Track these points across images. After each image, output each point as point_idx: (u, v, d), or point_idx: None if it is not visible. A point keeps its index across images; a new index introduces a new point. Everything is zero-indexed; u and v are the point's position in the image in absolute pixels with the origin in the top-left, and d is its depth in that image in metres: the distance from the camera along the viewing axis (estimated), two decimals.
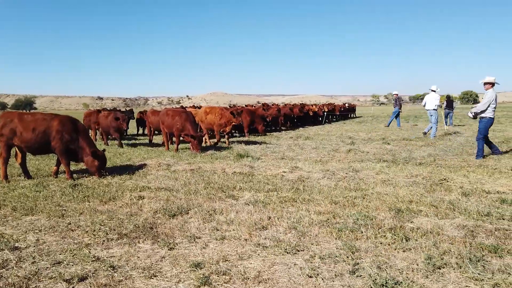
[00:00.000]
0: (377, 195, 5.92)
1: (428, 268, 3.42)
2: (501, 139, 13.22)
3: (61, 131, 7.46)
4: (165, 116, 11.82)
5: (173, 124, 11.37)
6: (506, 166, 8.19)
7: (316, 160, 9.65)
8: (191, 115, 11.59)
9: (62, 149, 7.46)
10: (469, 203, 5.36)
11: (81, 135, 7.67)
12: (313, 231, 4.42)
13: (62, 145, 7.45)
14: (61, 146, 7.45)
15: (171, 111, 12.11)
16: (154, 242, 4.19)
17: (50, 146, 7.49)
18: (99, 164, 7.61)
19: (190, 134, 10.81)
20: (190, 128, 10.94)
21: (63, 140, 7.45)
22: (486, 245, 3.86)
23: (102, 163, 7.72)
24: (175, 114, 11.64)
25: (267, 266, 3.58)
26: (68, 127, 7.56)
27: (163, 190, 6.49)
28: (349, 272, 3.39)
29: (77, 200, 5.93)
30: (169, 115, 11.71)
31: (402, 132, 17.20)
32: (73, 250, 3.98)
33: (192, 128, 10.98)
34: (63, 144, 7.46)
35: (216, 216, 5.04)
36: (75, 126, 7.69)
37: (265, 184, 6.82)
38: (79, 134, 7.66)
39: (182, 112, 11.85)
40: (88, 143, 7.65)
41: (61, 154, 7.52)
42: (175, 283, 3.28)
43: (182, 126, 11.08)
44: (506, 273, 3.31)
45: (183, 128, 11.06)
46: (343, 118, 32.57)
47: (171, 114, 11.74)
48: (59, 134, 7.43)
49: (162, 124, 12.02)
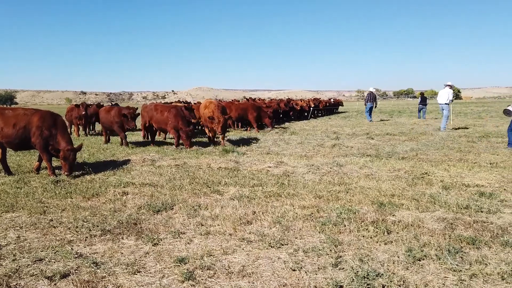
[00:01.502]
0: (360, 189, 6.00)
1: (409, 260, 3.50)
2: (481, 134, 13.53)
3: (41, 127, 7.29)
4: (154, 112, 11.63)
5: (164, 120, 11.19)
6: (485, 160, 8.40)
7: (301, 155, 9.72)
8: (180, 110, 11.47)
9: (42, 145, 7.30)
10: (449, 196, 5.49)
11: (59, 131, 7.48)
12: (297, 225, 4.46)
13: (42, 141, 7.28)
14: (41, 142, 7.29)
15: (160, 106, 11.94)
16: (138, 238, 4.17)
17: (30, 142, 7.33)
18: (70, 161, 7.25)
19: (179, 128, 10.72)
20: (179, 123, 10.84)
21: (43, 136, 7.28)
22: (464, 237, 3.97)
23: (73, 161, 7.33)
24: (164, 109, 11.49)
25: (252, 260, 3.61)
26: (48, 123, 7.39)
27: (147, 186, 6.45)
28: (332, 265, 3.45)
29: (59, 197, 5.84)
30: (158, 110, 11.55)
31: (386, 127, 17.44)
32: (55, 247, 3.93)
33: (182, 123, 10.88)
34: (43, 140, 7.29)
35: (201, 212, 5.04)
36: (54, 122, 7.51)
37: (250, 179, 6.84)
38: (58, 129, 7.47)
39: (171, 107, 11.69)
40: (64, 140, 7.38)
41: (42, 150, 7.37)
42: (159, 278, 3.28)
43: (172, 121, 10.95)
44: (483, 264, 3.41)
45: (173, 123, 10.93)
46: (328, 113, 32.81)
47: (160, 109, 11.57)
48: (39, 130, 7.27)
49: (151, 119, 11.80)
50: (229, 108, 16.54)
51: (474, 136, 13.07)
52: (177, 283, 3.19)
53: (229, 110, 16.63)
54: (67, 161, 7.18)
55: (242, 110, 16.65)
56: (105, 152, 10.51)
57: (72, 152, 7.28)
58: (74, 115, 15.44)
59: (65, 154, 7.16)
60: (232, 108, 16.47)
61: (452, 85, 15.49)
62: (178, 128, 10.81)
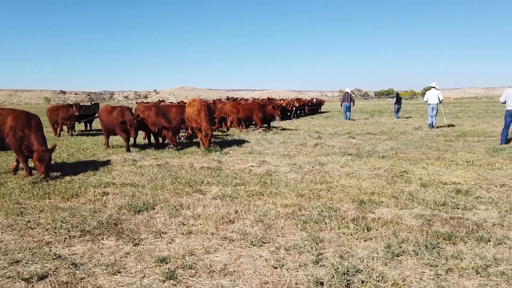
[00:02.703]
0: (341, 187, 6.08)
1: (387, 256, 3.58)
2: (458, 133, 13.88)
3: (14, 127, 7.08)
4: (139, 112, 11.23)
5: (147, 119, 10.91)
6: (462, 159, 8.63)
7: (283, 154, 9.77)
8: (162, 108, 11.34)
9: (17, 146, 7.08)
10: (427, 193, 5.62)
11: (34, 132, 7.22)
12: (279, 224, 4.50)
13: (16, 142, 7.06)
14: (15, 143, 7.06)
15: (141, 106, 11.68)
16: (119, 238, 4.13)
17: (5, 143, 7.13)
18: (46, 163, 7.01)
19: (163, 126, 10.53)
20: (163, 121, 10.66)
21: (16, 136, 7.07)
22: (441, 233, 4.07)
23: (48, 162, 7.08)
24: (145, 109, 11.25)
25: (233, 258, 3.62)
26: (22, 123, 7.17)
27: (128, 186, 6.37)
28: (313, 262, 3.49)
29: (37, 198, 5.72)
30: (140, 110, 11.27)
31: (367, 127, 17.70)
32: (33, 248, 3.85)
33: (165, 121, 10.71)
34: (17, 141, 7.07)
35: (183, 211, 5.02)
36: (29, 122, 7.30)
37: (233, 179, 6.84)
38: (32, 130, 7.24)
39: (152, 106, 11.48)
40: (37, 140, 7.14)
41: (16, 151, 7.17)
42: (140, 278, 3.25)
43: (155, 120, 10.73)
44: (459, 258, 3.51)
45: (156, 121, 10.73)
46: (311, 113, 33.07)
47: (141, 109, 11.31)
48: (13, 131, 7.05)
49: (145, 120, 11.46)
50: (236, 108, 16.54)
51: (451, 135, 13.40)
52: (158, 283, 3.17)
53: (235, 110, 16.51)
54: (42, 162, 6.95)
55: (249, 110, 16.51)
56: (85, 152, 10.33)
57: (47, 153, 7.03)
58: (61, 115, 15.03)
59: (39, 155, 6.93)
60: (239, 108, 16.44)
61: (436, 86, 16.66)
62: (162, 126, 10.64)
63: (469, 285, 3.05)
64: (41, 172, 6.98)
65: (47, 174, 7.01)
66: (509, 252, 3.65)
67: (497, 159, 8.41)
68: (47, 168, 7.06)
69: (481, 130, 14.91)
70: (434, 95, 16.51)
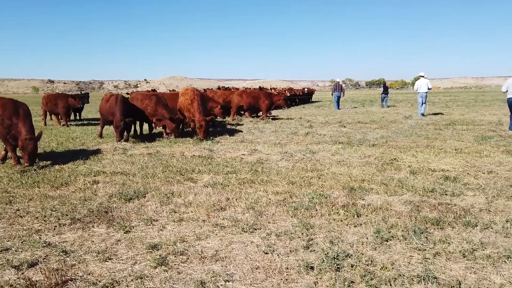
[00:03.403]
0: (332, 175, 6.12)
1: (377, 241, 3.63)
2: (448, 122, 14.03)
3: (2, 116, 6.95)
4: (134, 101, 10.90)
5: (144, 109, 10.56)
6: (450, 146, 8.74)
7: (275, 142, 9.78)
8: (163, 98, 10.96)
9: (4, 134, 6.96)
10: (416, 180, 5.69)
11: (21, 120, 7.08)
12: (270, 211, 4.52)
13: (3, 131, 6.94)
14: (3, 131, 6.95)
15: (139, 95, 11.26)
16: (109, 226, 4.11)
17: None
18: (29, 151, 6.86)
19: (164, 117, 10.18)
20: (165, 111, 10.29)
21: (3, 125, 6.95)
22: (429, 218, 4.13)
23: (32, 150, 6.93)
24: (144, 98, 10.86)
25: (225, 245, 3.63)
26: (10, 111, 7.04)
27: (119, 175, 6.34)
28: (303, 247, 3.52)
29: (26, 186, 5.66)
30: (138, 100, 10.87)
31: (358, 116, 17.78)
32: (22, 236, 3.82)
33: (167, 111, 10.36)
34: (5, 129, 6.94)
35: (174, 199, 5.02)
36: (17, 110, 7.17)
37: (224, 167, 6.84)
38: (20, 118, 7.10)
39: (152, 95, 11.07)
40: (25, 128, 7.00)
41: (4, 140, 7.06)
42: (131, 265, 3.25)
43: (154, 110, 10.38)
44: (446, 243, 3.57)
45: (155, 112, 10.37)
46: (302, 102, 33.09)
47: (139, 98, 10.90)
48: (0, 119, 6.94)
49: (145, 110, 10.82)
50: (241, 96, 16.19)
51: (441, 124, 13.54)
52: (149, 269, 3.18)
53: (240, 98, 16.12)
54: (26, 150, 6.81)
55: (254, 98, 16.23)
56: (74, 142, 10.23)
57: (31, 141, 6.88)
58: (61, 105, 14.66)
59: (23, 143, 6.80)
60: (243, 96, 16.20)
61: (424, 75, 17.16)
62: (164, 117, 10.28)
63: (456, 268, 3.11)
64: (25, 160, 6.86)
65: (31, 162, 6.87)
66: (495, 236, 3.72)
67: (485, 147, 8.54)
68: (31, 157, 6.90)
69: (470, 119, 15.09)
70: (423, 84, 16.95)
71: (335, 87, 23.65)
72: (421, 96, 17.04)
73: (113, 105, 9.78)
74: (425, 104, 17.11)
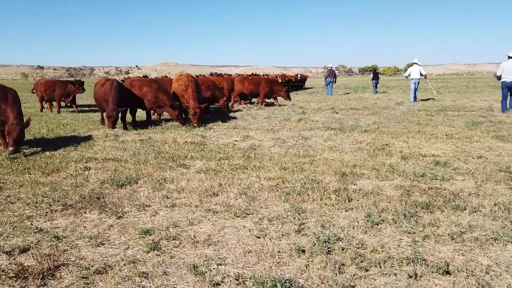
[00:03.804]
0: (324, 160, 6.16)
1: (367, 225, 3.67)
2: (439, 108, 14.12)
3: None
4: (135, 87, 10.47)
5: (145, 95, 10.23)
6: (441, 132, 8.81)
7: (267, 129, 9.78)
8: (163, 84, 10.68)
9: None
10: (407, 165, 5.75)
11: (9, 106, 6.97)
12: (263, 196, 4.55)
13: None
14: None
15: (137, 81, 10.87)
16: (102, 212, 4.11)
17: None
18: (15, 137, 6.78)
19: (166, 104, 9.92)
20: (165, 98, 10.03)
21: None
22: (419, 202, 4.19)
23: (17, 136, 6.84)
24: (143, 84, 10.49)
25: (217, 229, 3.66)
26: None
27: (110, 161, 6.30)
28: (295, 231, 3.56)
29: (17, 173, 5.61)
30: (136, 86, 10.48)
31: (350, 102, 17.81)
32: (14, 222, 3.81)
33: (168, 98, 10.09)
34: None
35: (167, 185, 5.01)
36: (5, 96, 7.05)
37: (217, 153, 6.84)
38: (8, 104, 6.97)
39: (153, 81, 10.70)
40: (13, 114, 6.93)
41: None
42: (124, 250, 3.26)
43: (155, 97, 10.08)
44: (435, 226, 3.63)
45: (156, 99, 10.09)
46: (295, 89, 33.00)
47: (137, 85, 10.52)
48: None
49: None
50: (242, 83, 15.94)
51: (432, 110, 13.63)
52: (142, 253, 3.19)
53: (241, 85, 15.86)
54: (11, 136, 6.73)
55: (255, 85, 16.01)
56: (65, 128, 10.12)
57: (18, 127, 6.80)
58: (59, 92, 14.20)
59: (9, 128, 6.73)
60: (245, 83, 15.99)
61: (418, 62, 17.51)
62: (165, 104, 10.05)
63: (445, 251, 3.17)
64: (10, 145, 6.78)
65: (15, 148, 6.78)
66: (483, 220, 3.79)
67: (475, 132, 8.63)
68: (16, 142, 6.80)
69: (461, 105, 15.20)
70: (416, 70, 17.27)
71: (329, 73, 23.86)
72: (414, 83, 17.38)
73: (108, 92, 9.43)
74: (417, 90, 17.55)
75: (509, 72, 12.05)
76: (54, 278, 2.82)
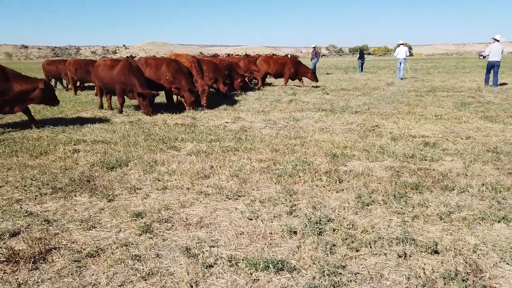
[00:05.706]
0: (315, 142, 6.17)
1: (358, 206, 3.72)
2: (429, 88, 14.18)
3: None
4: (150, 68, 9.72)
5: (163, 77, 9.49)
6: (431, 113, 8.88)
7: (258, 110, 9.73)
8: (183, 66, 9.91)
9: None
10: (397, 146, 5.80)
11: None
12: (254, 178, 4.55)
13: None
14: None
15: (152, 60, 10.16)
16: (92, 195, 4.08)
17: None
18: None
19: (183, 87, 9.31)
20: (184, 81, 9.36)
21: None
22: (409, 183, 4.25)
23: None
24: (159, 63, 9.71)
25: (209, 212, 3.66)
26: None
27: (100, 143, 6.23)
28: (287, 213, 3.59)
29: (4, 156, 5.51)
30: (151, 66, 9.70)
31: (341, 83, 17.77)
32: (2, 206, 3.76)
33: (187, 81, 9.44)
34: None
35: (158, 167, 4.98)
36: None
37: (208, 135, 6.80)
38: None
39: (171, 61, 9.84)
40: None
41: None
42: (116, 233, 3.26)
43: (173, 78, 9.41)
44: (424, 206, 3.70)
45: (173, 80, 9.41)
46: None
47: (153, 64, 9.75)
48: None
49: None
50: (268, 63, 15.87)
51: (422, 90, 13.68)
52: (134, 236, 3.19)
53: (267, 64, 15.80)
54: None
55: (281, 65, 15.89)
56: (52, 110, 9.90)
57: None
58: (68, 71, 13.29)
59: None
60: (270, 62, 15.93)
61: (405, 43, 19.43)
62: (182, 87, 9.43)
63: (433, 230, 3.24)
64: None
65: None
66: (471, 199, 3.86)
67: (464, 113, 8.71)
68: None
69: (451, 86, 15.29)
70: (402, 51, 19.17)
71: (316, 54, 24.25)
72: (400, 62, 19.12)
73: (128, 72, 8.66)
74: (403, 69, 19.22)
75: (495, 54, 14.27)
76: (46, 262, 2.81)
